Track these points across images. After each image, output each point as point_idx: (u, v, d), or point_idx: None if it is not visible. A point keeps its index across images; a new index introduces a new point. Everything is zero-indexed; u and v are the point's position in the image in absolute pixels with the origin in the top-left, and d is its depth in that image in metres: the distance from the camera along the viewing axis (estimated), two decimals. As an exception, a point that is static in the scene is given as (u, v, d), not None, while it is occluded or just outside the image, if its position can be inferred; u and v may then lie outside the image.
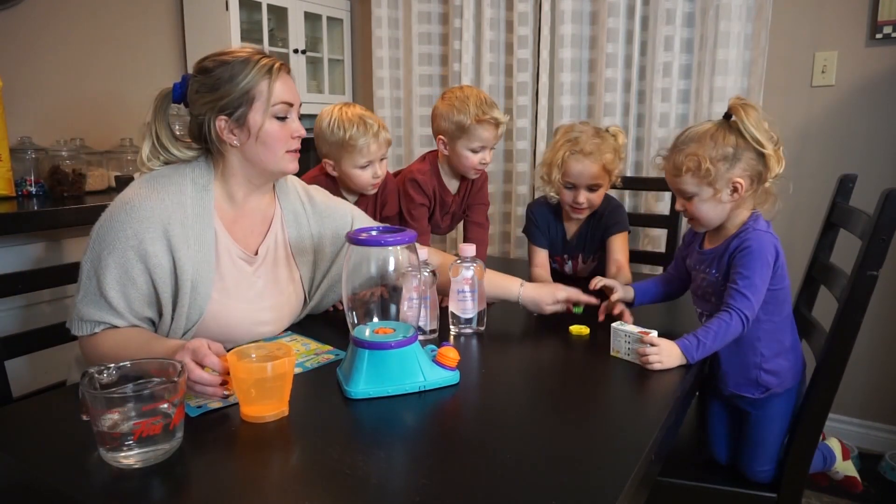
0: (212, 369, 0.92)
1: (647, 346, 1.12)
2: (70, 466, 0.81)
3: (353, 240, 1.02)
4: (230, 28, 2.48)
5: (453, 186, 1.80)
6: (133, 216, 1.09)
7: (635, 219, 2.33)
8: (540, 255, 1.71)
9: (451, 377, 1.05)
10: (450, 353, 1.05)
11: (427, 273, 1.26)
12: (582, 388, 1.09)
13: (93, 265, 1.10)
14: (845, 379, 1.24)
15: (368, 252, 1.04)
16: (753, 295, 1.16)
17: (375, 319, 1.08)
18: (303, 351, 1.20)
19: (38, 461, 0.83)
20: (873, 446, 2.30)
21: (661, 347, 1.12)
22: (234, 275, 1.20)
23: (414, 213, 1.73)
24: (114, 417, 0.80)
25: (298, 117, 1.22)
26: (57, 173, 2.10)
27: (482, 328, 1.33)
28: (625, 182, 2.31)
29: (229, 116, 1.15)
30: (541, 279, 1.63)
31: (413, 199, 1.72)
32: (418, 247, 1.19)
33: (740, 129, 1.17)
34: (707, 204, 1.21)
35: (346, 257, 1.05)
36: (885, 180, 2.16)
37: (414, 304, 1.10)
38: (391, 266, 1.04)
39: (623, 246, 1.66)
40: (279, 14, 2.75)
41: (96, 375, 0.84)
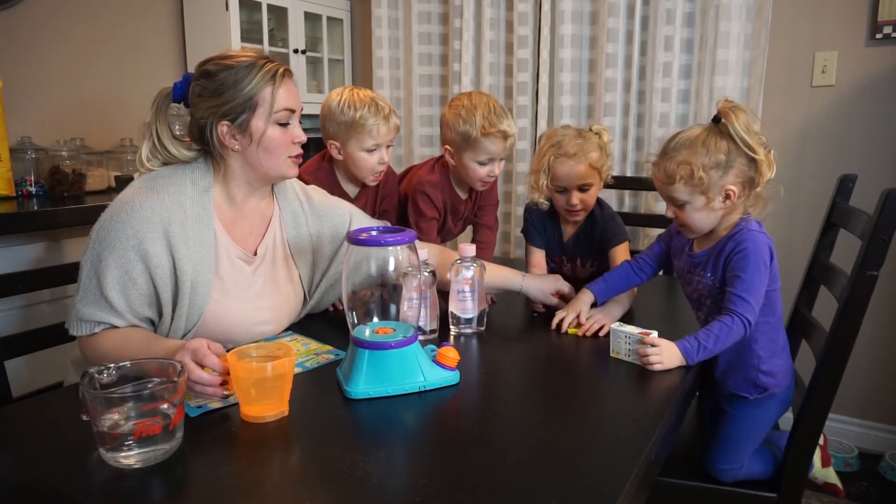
0: (212, 369, 0.92)
1: (648, 347, 1.12)
2: (70, 466, 0.81)
3: (353, 240, 1.02)
4: (230, 28, 2.48)
5: (464, 192, 1.76)
6: (134, 216, 1.09)
7: (635, 219, 2.34)
8: (536, 256, 1.70)
9: (451, 377, 1.05)
10: (450, 353, 1.05)
11: (427, 273, 1.26)
12: (582, 389, 1.09)
13: (93, 265, 1.10)
14: (845, 379, 1.24)
15: (368, 252, 1.04)
16: (754, 298, 1.15)
17: (375, 319, 1.08)
18: (303, 351, 1.20)
19: (38, 461, 0.83)
20: (873, 446, 2.30)
21: (662, 348, 1.12)
22: (234, 275, 1.21)
23: (423, 226, 1.68)
24: (114, 417, 0.80)
25: (300, 122, 1.23)
26: (57, 173, 2.10)
27: (482, 328, 1.33)
28: (625, 182, 2.32)
29: (232, 122, 1.15)
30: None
31: (423, 214, 1.67)
32: (418, 244, 1.18)
33: (731, 134, 1.15)
34: (699, 212, 1.20)
35: (346, 257, 1.05)
36: (885, 180, 2.15)
37: (414, 304, 1.10)
38: (391, 266, 1.04)
39: (625, 256, 1.65)
40: (279, 14, 2.75)
41: (96, 375, 0.84)
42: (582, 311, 1.35)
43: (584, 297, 1.38)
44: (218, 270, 1.18)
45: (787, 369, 1.29)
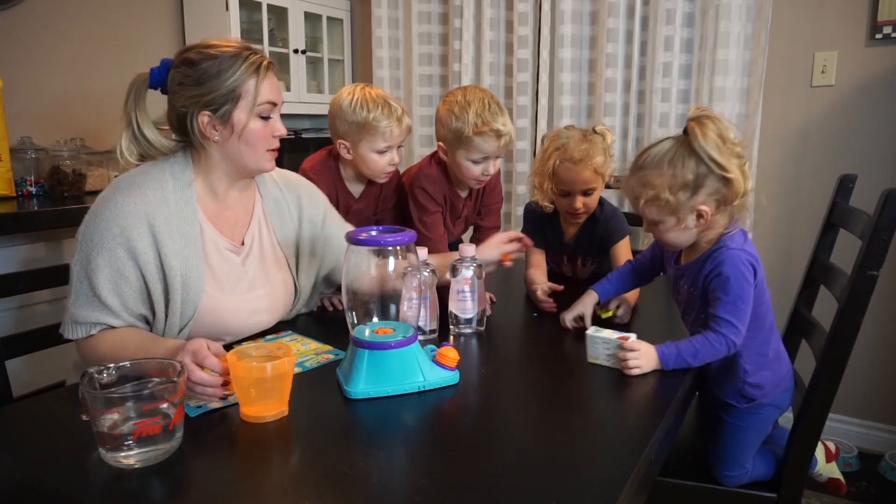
0: (212, 370, 0.92)
1: (627, 352, 1.10)
2: (70, 466, 0.81)
3: (353, 240, 1.02)
4: (230, 28, 2.48)
5: (464, 191, 1.71)
6: (118, 213, 1.09)
7: (635, 219, 2.32)
8: (535, 256, 1.69)
9: (451, 377, 1.05)
10: (449, 353, 1.05)
11: (427, 273, 1.26)
12: (582, 389, 1.09)
13: (82, 268, 1.09)
14: (845, 379, 1.24)
15: (368, 252, 1.04)
16: (739, 320, 1.12)
17: (375, 319, 1.08)
18: (303, 351, 1.20)
19: (38, 461, 0.83)
20: (873, 446, 2.30)
21: (641, 352, 1.10)
22: (224, 266, 1.20)
23: (427, 221, 1.63)
24: (114, 417, 0.80)
25: (280, 116, 1.22)
26: (57, 173, 2.10)
27: (482, 328, 1.33)
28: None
29: (213, 112, 1.14)
30: (536, 280, 1.58)
31: (426, 209, 1.63)
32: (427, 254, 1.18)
33: (697, 153, 1.08)
34: (672, 231, 1.14)
35: (346, 257, 1.05)
36: (885, 180, 2.16)
37: (414, 304, 1.10)
38: (391, 266, 1.04)
39: (627, 252, 1.64)
40: (279, 14, 2.75)
41: (96, 375, 0.83)
42: (586, 312, 1.35)
43: (589, 298, 1.38)
44: (208, 263, 1.18)
45: (779, 380, 1.26)
